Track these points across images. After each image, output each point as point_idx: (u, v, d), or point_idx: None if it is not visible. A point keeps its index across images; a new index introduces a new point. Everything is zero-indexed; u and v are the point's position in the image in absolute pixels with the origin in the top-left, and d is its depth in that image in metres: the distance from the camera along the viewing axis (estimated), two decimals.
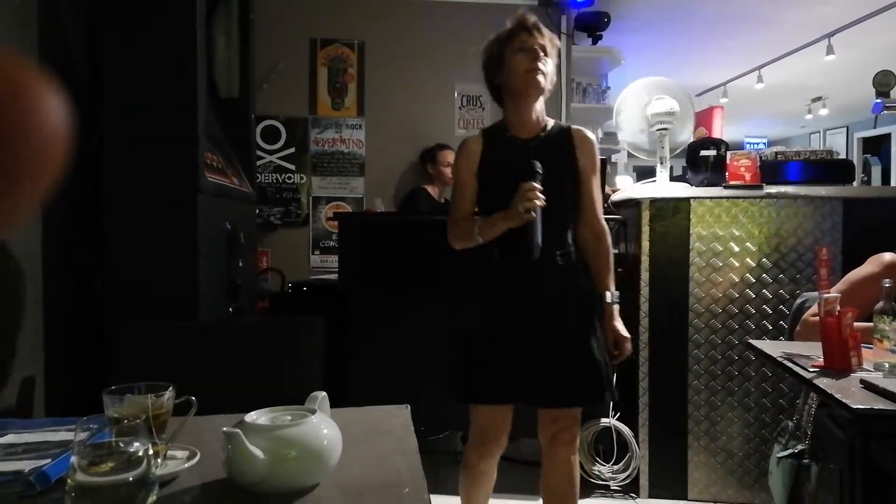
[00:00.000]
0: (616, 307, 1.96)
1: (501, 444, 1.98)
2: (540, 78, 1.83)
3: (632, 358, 2.82)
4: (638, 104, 2.98)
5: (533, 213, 1.75)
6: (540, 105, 1.92)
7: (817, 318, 1.93)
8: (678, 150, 3.05)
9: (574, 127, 1.99)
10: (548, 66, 1.86)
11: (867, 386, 1.43)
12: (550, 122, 1.96)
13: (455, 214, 1.94)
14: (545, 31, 1.90)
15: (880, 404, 1.33)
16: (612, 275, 1.97)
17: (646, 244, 2.80)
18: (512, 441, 2.14)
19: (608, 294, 1.95)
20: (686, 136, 3.01)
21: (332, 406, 1.02)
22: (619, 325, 1.94)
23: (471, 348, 1.89)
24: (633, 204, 2.91)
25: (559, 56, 1.95)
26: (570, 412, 1.93)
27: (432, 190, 3.97)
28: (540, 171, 1.78)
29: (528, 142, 1.91)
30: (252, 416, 0.95)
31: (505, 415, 1.94)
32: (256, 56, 3.09)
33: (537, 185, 1.76)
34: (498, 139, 1.93)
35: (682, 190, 2.85)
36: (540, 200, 1.75)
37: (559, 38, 4.39)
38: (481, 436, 1.96)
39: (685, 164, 3.13)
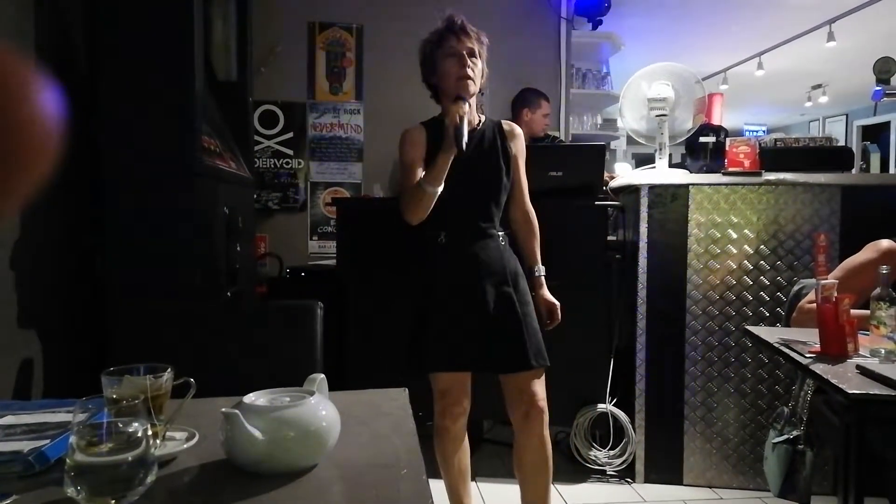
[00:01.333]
0: (544, 279, 2.17)
1: (465, 406, 2.12)
2: (469, 84, 1.98)
3: (630, 344, 2.85)
4: (639, 90, 2.97)
5: (457, 120, 1.91)
6: (472, 101, 2.04)
7: (813, 305, 1.94)
8: (681, 139, 3.03)
9: (503, 121, 2.19)
10: (477, 68, 2.00)
11: (863, 371, 1.44)
12: (483, 118, 2.13)
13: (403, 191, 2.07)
14: (472, 31, 2.03)
15: (876, 390, 1.34)
16: (539, 250, 2.19)
17: (644, 230, 2.80)
18: (508, 427, 2.15)
19: (538, 268, 2.17)
20: (690, 125, 2.99)
21: (330, 389, 1.02)
22: (548, 294, 2.17)
23: (425, 323, 2.02)
24: (631, 190, 2.91)
25: (489, 51, 2.08)
26: (532, 383, 2.03)
27: None
28: (464, 99, 1.95)
29: (468, 134, 2.03)
30: (251, 398, 0.95)
31: (463, 378, 2.09)
32: (254, 39, 3.07)
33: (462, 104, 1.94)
34: (438, 132, 2.04)
35: (680, 176, 2.84)
36: (463, 111, 1.92)
37: (559, 22, 4.40)
38: (443, 400, 2.09)
39: (684, 152, 3.13)
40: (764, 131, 10.49)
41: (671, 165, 3.00)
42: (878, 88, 3.22)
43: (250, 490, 0.85)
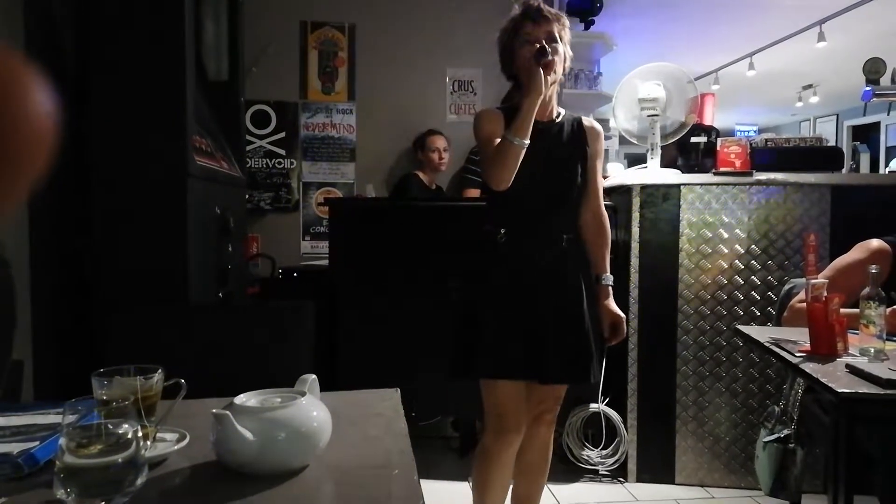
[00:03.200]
0: (611, 289, 2.03)
1: (521, 432, 1.94)
2: (551, 67, 1.80)
3: (622, 343, 2.85)
4: (631, 90, 2.97)
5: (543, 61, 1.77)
6: (552, 91, 1.89)
7: (804, 304, 1.95)
8: (673, 139, 3.03)
9: (584, 118, 2.04)
10: (557, 55, 1.82)
11: (852, 370, 1.45)
12: (562, 111, 2.00)
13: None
14: (550, 13, 1.87)
15: (865, 388, 1.35)
16: (609, 258, 2.05)
17: (636, 230, 2.81)
18: None
19: (606, 276, 2.02)
20: (682, 124, 2.99)
21: (321, 390, 1.02)
22: (615, 306, 2.02)
23: (477, 325, 1.87)
24: (623, 190, 2.92)
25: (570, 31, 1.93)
26: (556, 394, 2.00)
27: (424, 176, 3.96)
28: (548, 48, 1.79)
29: (543, 125, 1.89)
30: (241, 399, 0.95)
31: (522, 396, 1.91)
32: (246, 39, 3.06)
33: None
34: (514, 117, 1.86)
35: (672, 176, 2.85)
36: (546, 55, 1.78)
37: None
38: (501, 423, 1.90)
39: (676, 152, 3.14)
40: (755, 131, 10.54)
41: (663, 165, 3.01)
42: (867, 89, 3.24)
43: (241, 491, 0.85)
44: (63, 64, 2.16)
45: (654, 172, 2.89)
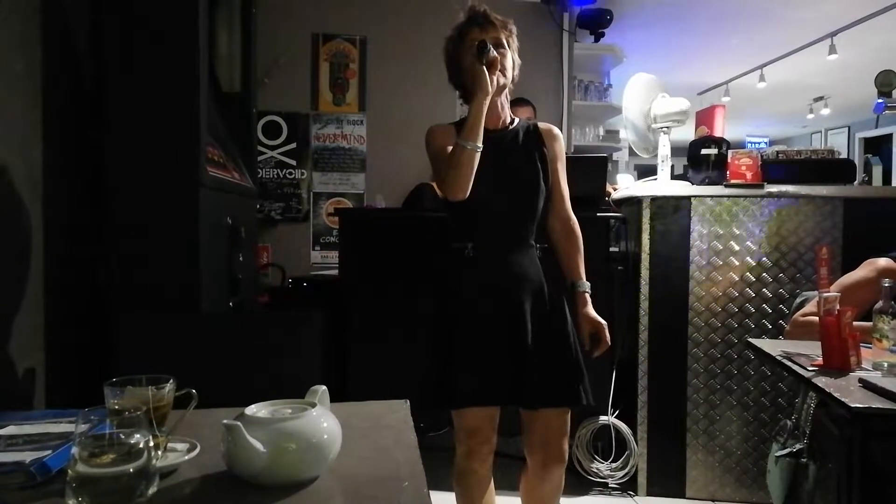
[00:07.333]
0: (588, 296, 1.91)
1: (492, 445, 1.87)
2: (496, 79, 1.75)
3: (632, 355, 2.84)
4: (641, 102, 2.97)
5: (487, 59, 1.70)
6: (502, 99, 1.84)
7: (807, 317, 1.94)
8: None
9: (540, 123, 1.96)
10: (506, 59, 1.77)
11: (866, 385, 1.43)
12: (515, 119, 1.92)
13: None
14: (497, 19, 1.80)
15: (878, 403, 1.34)
16: (583, 264, 1.93)
17: (646, 242, 2.80)
18: (511, 437, 2.13)
19: (582, 283, 1.90)
20: (682, 134, 3.01)
21: (332, 401, 1.02)
22: (595, 313, 1.89)
23: (449, 348, 1.78)
24: (633, 202, 2.92)
25: (518, 39, 1.85)
26: (562, 427, 1.85)
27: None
28: (489, 44, 1.72)
29: (496, 133, 1.83)
30: (252, 409, 0.95)
31: (493, 412, 1.85)
32: (258, 50, 3.08)
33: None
34: None
35: (682, 188, 2.85)
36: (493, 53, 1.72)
37: (561, 35, 4.42)
38: (472, 440, 1.84)
39: (686, 163, 3.14)
40: (766, 143, 10.50)
41: (673, 177, 3.01)
42: (879, 101, 3.23)
43: (251, 502, 0.85)
44: (79, 75, 2.18)
45: (664, 184, 2.89)
